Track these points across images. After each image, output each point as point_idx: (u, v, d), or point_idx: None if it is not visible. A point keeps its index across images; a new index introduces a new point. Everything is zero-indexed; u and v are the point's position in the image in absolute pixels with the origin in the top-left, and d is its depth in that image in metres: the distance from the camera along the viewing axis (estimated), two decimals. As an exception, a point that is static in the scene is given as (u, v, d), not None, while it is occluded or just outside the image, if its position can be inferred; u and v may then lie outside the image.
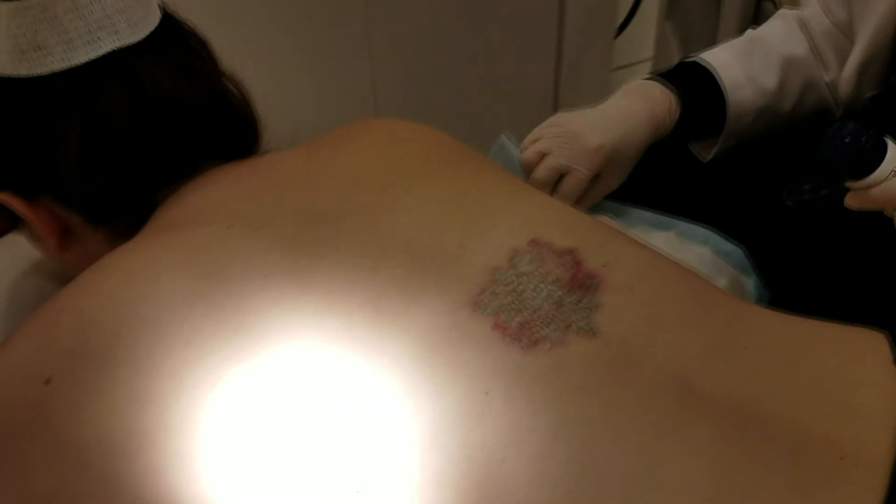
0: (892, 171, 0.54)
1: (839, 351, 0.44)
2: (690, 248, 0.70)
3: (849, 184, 0.56)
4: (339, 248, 0.45)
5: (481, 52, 1.24)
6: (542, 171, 0.70)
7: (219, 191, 0.51)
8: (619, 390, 0.40)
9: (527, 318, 0.43)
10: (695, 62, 0.79)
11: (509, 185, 0.53)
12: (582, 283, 0.45)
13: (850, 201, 0.58)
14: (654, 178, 0.75)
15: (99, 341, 0.41)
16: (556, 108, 1.41)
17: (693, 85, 0.76)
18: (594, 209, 0.72)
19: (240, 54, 0.59)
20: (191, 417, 0.39)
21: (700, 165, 0.81)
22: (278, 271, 0.43)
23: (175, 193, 0.53)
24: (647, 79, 0.76)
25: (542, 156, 0.71)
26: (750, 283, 0.71)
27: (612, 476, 0.38)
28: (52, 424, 0.40)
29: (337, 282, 0.43)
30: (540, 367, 0.41)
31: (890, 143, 0.54)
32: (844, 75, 0.77)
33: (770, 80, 0.77)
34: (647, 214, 0.71)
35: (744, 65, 0.77)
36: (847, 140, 0.54)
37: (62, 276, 0.60)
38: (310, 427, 0.39)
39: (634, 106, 0.73)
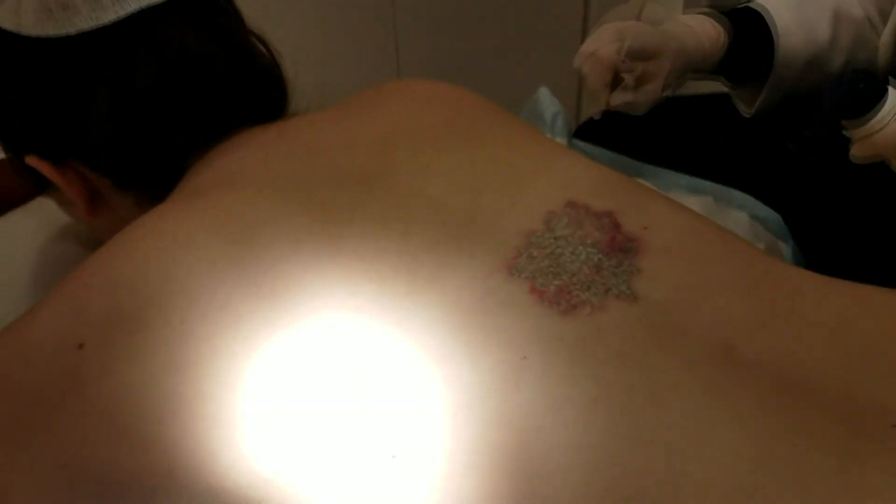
0: (894, 116, 0.54)
1: (889, 315, 0.42)
2: (727, 213, 0.68)
3: (851, 132, 0.57)
4: (369, 212, 0.44)
5: (506, 8, 1.22)
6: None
7: (248, 154, 0.50)
8: (661, 356, 0.39)
9: (564, 282, 0.42)
10: (748, 8, 0.76)
11: (544, 146, 0.51)
12: (621, 247, 0.44)
13: (855, 150, 0.58)
14: (690, 143, 0.74)
15: (132, 305, 0.41)
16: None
17: (744, 26, 0.74)
18: (630, 173, 0.71)
19: (263, 15, 0.58)
20: (227, 383, 0.38)
21: (738, 130, 0.79)
22: (309, 236, 0.42)
23: (204, 157, 0.52)
24: (699, 13, 0.74)
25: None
26: (787, 249, 0.69)
27: (653, 443, 0.37)
28: (86, 391, 0.40)
29: (368, 246, 0.42)
30: (578, 333, 0.40)
31: (891, 88, 0.54)
32: (883, 41, 0.74)
33: (822, 32, 0.75)
34: (684, 179, 0.70)
35: (796, 13, 0.74)
36: (846, 85, 0.55)
37: (91, 241, 0.60)
38: (345, 393, 0.38)
39: (684, 30, 0.72)
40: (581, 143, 0.72)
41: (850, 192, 0.69)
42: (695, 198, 0.69)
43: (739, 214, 0.68)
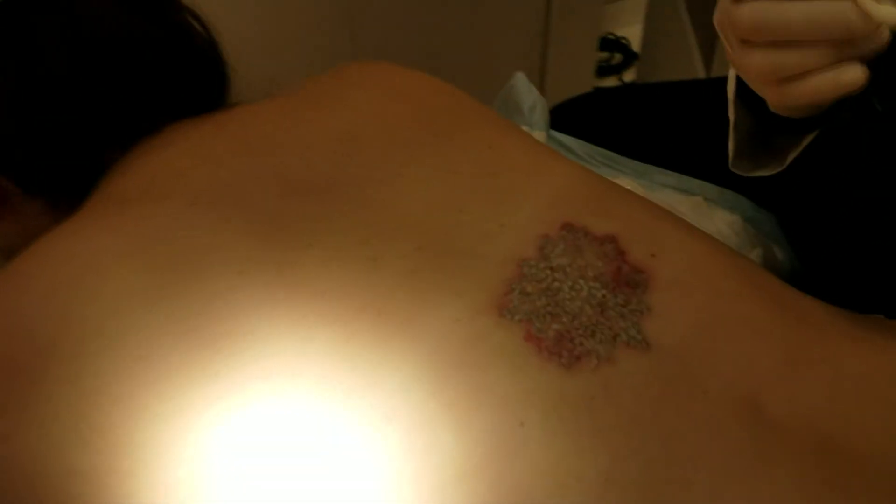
0: None
1: None
2: (719, 215, 0.62)
3: None
4: (331, 232, 0.37)
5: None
6: None
7: (179, 154, 0.42)
8: (680, 418, 0.33)
9: (565, 326, 0.35)
10: None
11: (532, 151, 0.44)
12: (627, 279, 0.37)
13: None
14: (679, 140, 0.67)
15: (30, 353, 0.33)
16: (545, 44, 1.33)
17: None
18: (614, 172, 0.64)
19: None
20: (147, 456, 0.31)
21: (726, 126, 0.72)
22: (256, 265, 0.34)
23: (127, 156, 0.43)
24: None
25: None
26: (783, 253, 0.64)
27: None
28: None
29: (329, 279, 0.35)
30: (585, 391, 0.33)
31: None
32: None
33: None
34: (673, 178, 0.63)
35: None
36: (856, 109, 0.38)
37: (4, 250, 0.51)
38: (298, 471, 0.31)
39: None
40: (559, 136, 0.65)
41: (849, 191, 0.63)
42: (685, 198, 0.62)
43: (732, 217, 0.63)
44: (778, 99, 0.36)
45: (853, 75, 0.33)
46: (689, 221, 0.43)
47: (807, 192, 0.66)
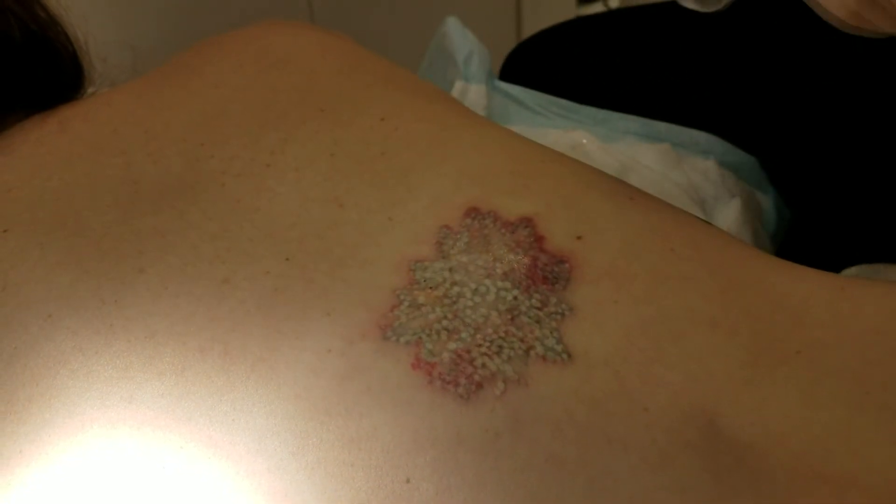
0: None
1: None
2: (691, 162, 0.54)
3: None
4: (173, 249, 0.30)
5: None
6: None
7: (10, 164, 0.35)
8: (614, 451, 0.26)
9: (465, 343, 0.28)
10: None
11: (438, 120, 0.36)
12: (546, 274, 0.30)
13: None
14: (641, 80, 0.59)
15: None
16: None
17: None
18: (570, 123, 0.56)
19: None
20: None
21: (698, 52, 0.63)
22: (68, 306, 0.28)
23: None
24: None
25: None
26: (767, 200, 0.56)
27: None
28: None
29: (162, 314, 0.28)
30: (488, 427, 0.26)
31: None
32: None
33: None
34: (636, 123, 0.55)
35: None
36: None
37: None
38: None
39: None
40: (506, 87, 0.57)
41: (842, 125, 0.55)
42: (650, 146, 0.55)
43: (706, 163, 0.55)
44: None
45: None
46: (633, 185, 0.35)
47: (794, 127, 0.57)
